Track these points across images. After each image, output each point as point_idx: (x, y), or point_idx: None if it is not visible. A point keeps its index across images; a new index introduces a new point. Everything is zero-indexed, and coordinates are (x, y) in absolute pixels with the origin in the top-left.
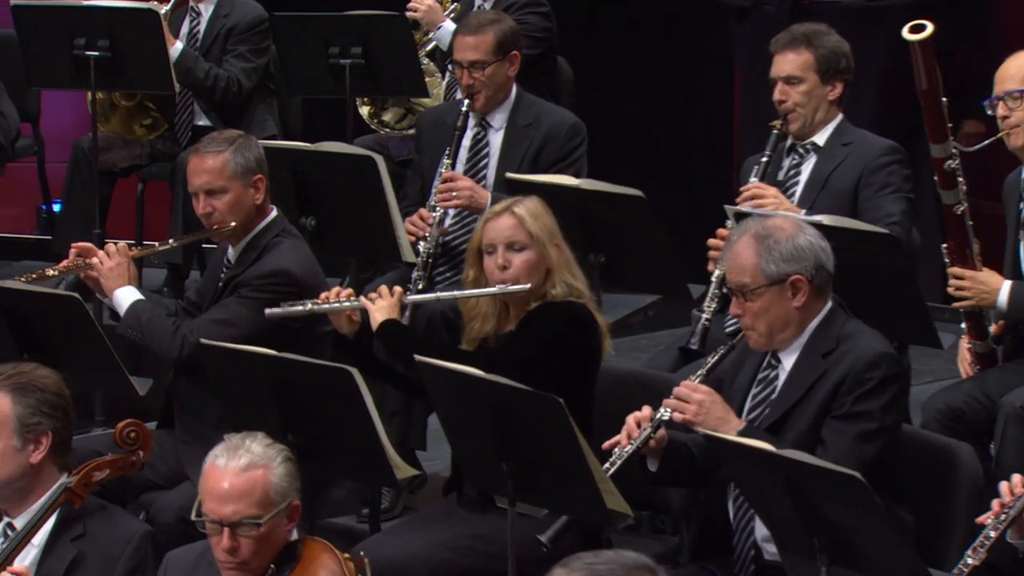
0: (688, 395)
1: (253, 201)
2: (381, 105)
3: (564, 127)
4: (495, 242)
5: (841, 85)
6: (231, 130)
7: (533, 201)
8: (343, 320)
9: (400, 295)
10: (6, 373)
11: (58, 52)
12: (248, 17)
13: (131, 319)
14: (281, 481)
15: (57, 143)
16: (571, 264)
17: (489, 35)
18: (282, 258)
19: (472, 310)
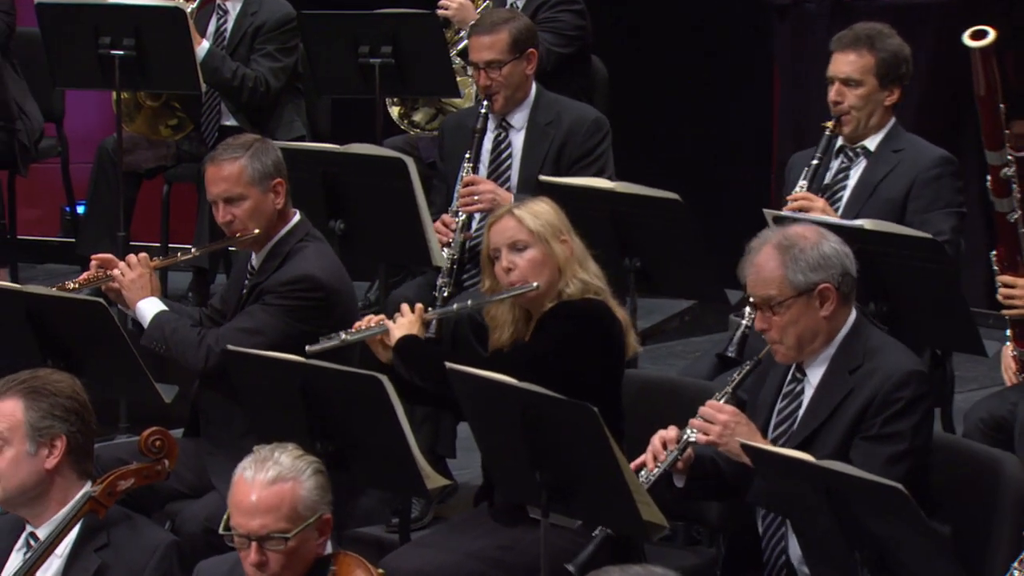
0: (713, 416)
1: (273, 206)
2: (411, 105)
3: (586, 122)
4: (499, 245)
5: (899, 91)
6: (247, 135)
7: (536, 201)
8: (379, 347)
9: (420, 312)
10: (20, 379)
11: (83, 51)
12: (276, 15)
13: (155, 331)
14: (311, 494)
15: (81, 144)
16: (583, 259)
17: (504, 33)
18: (306, 263)
19: (494, 320)
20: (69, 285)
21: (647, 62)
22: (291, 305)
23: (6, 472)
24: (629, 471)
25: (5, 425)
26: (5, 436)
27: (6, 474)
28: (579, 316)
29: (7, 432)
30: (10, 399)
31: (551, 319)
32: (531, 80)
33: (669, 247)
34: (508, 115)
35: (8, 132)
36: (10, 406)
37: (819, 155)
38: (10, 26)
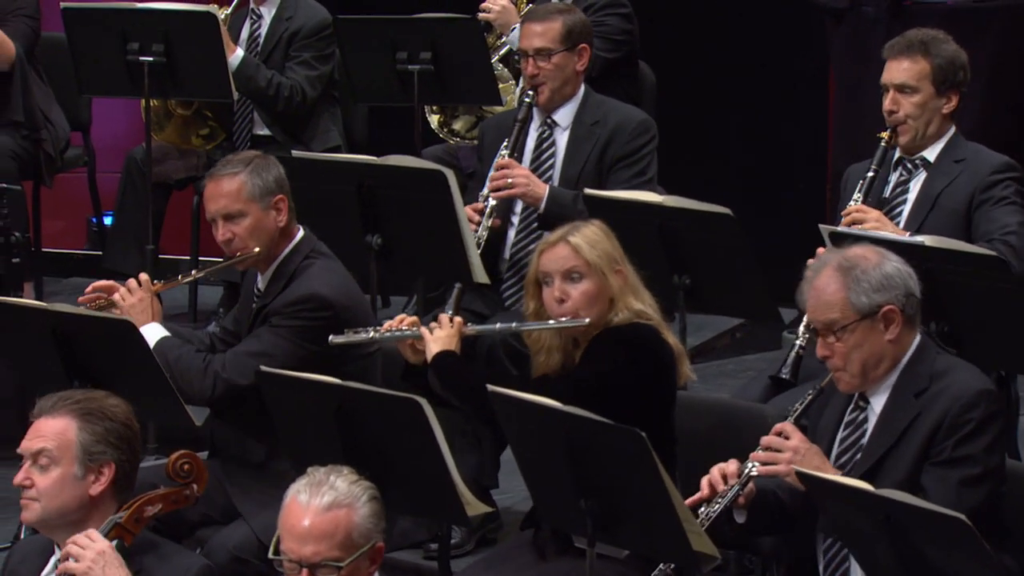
0: (780, 444)
1: (275, 224)
2: (451, 114)
3: (632, 123)
4: (551, 272)
5: (956, 98)
6: (248, 151)
7: (591, 227)
8: (407, 349)
9: (459, 326)
10: (75, 398)
11: (110, 57)
12: (312, 21)
13: (159, 358)
14: (365, 522)
15: (109, 153)
16: (636, 289)
17: (557, 23)
18: (312, 281)
19: (536, 343)
20: None
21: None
22: (299, 326)
23: (49, 491)
24: (679, 499)
25: (55, 444)
26: (54, 455)
27: (48, 493)
28: (629, 342)
29: (56, 451)
30: (63, 417)
31: (600, 346)
32: (580, 78)
33: (720, 264)
34: (553, 112)
35: (33, 141)
36: (62, 424)
37: (874, 167)
38: (35, 31)
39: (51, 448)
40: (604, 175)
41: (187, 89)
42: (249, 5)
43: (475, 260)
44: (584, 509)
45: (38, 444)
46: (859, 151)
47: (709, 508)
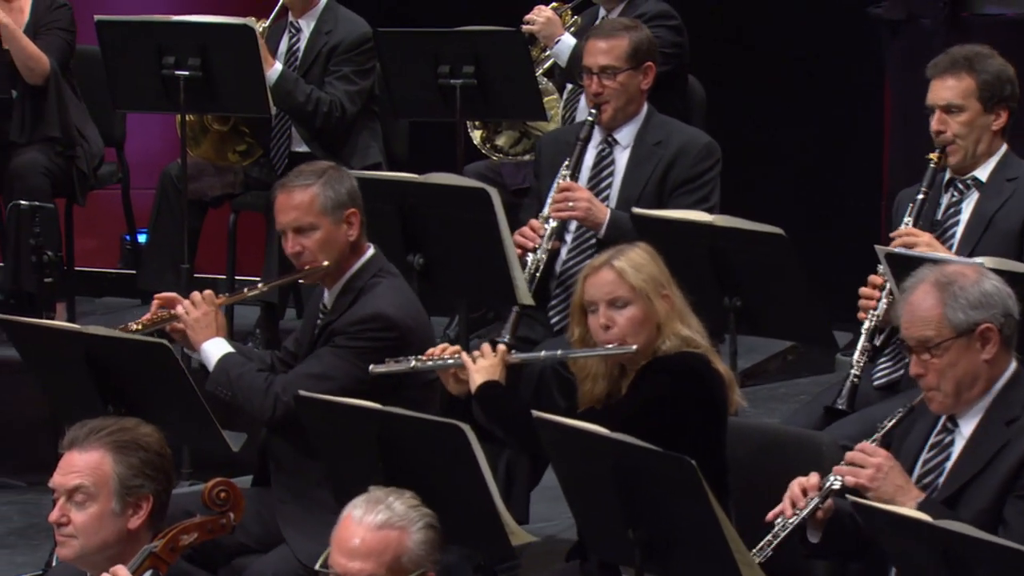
0: (864, 459)
1: (346, 238)
2: (494, 129)
3: (696, 146)
4: (596, 299)
5: (1006, 114)
6: (321, 162)
7: (636, 250)
8: (450, 379)
9: (503, 354)
10: (107, 428)
11: (145, 71)
12: (352, 35)
13: (220, 375)
14: (418, 548)
15: (143, 170)
16: (684, 314)
17: (624, 40)
18: (379, 301)
19: (582, 371)
20: (132, 327)
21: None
22: (362, 347)
23: (88, 529)
24: (730, 529)
25: (91, 479)
26: (91, 491)
27: (87, 531)
28: (677, 371)
29: (93, 487)
30: (96, 450)
31: (648, 375)
32: (644, 96)
33: (772, 285)
34: (615, 130)
35: (66, 158)
36: (96, 458)
37: (924, 189)
38: (70, 45)
39: (88, 484)
40: (664, 198)
41: (224, 104)
42: (288, 18)
43: (519, 281)
44: (633, 539)
45: (73, 480)
46: (917, 168)
47: (785, 520)
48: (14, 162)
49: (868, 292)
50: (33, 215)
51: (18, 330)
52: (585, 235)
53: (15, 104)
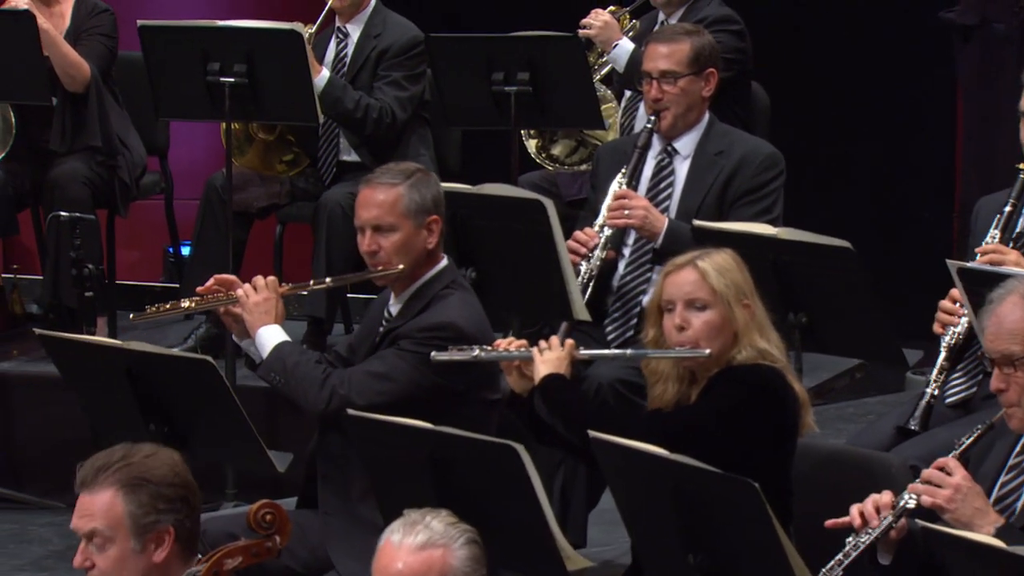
0: (942, 479)
1: (424, 245)
2: (550, 138)
3: (759, 156)
4: (674, 299)
5: None
6: (409, 163)
7: (722, 254)
8: (514, 374)
9: (571, 348)
10: (114, 465)
11: (190, 78)
12: (402, 39)
13: (275, 362)
14: (462, 565)
15: (187, 180)
16: (763, 327)
17: (685, 45)
18: (450, 311)
19: (653, 374)
20: (184, 303)
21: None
22: (428, 353)
23: (111, 571)
24: (795, 555)
25: (105, 523)
26: (106, 534)
27: (111, 572)
28: (750, 384)
29: (108, 530)
30: (105, 491)
31: (719, 384)
32: (706, 104)
33: (839, 301)
34: (675, 139)
35: (108, 168)
36: (107, 499)
37: (1012, 200)
38: (111, 51)
39: (102, 528)
40: (725, 209)
41: (270, 112)
42: (335, 23)
43: (576, 296)
44: (692, 564)
45: (88, 524)
46: (991, 180)
47: (857, 539)
48: (54, 172)
49: (948, 306)
50: (74, 227)
51: (57, 346)
52: (643, 247)
53: (55, 112)
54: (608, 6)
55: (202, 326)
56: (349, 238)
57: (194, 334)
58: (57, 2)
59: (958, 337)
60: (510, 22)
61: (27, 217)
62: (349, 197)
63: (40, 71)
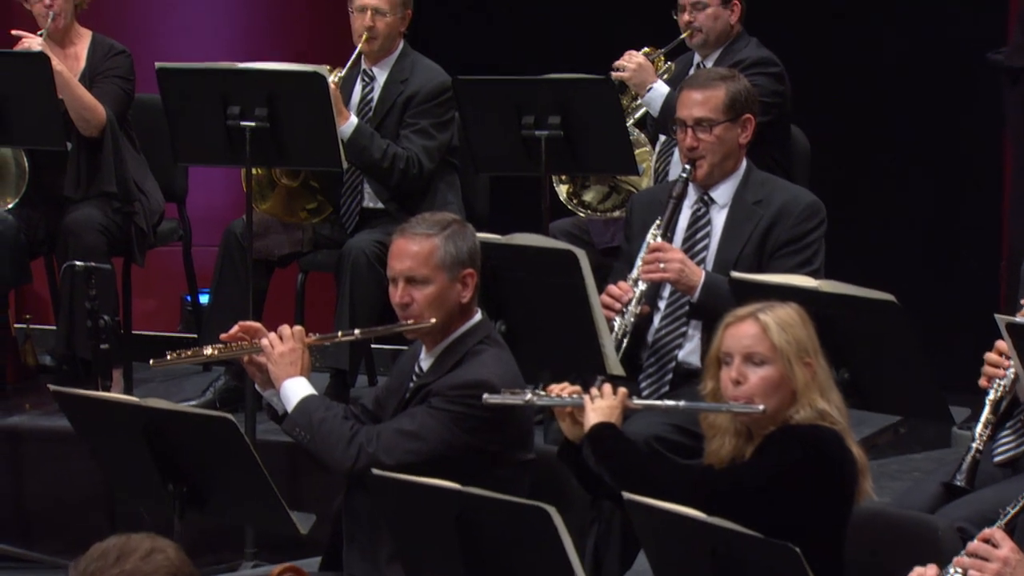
0: (988, 552)
1: (458, 298)
2: (581, 183)
3: (800, 205)
4: (732, 351)
5: None
6: (445, 213)
7: (787, 308)
8: (567, 420)
9: (624, 397)
10: (108, 569)
11: (209, 122)
12: (430, 84)
13: (301, 416)
14: None
15: (206, 226)
16: (825, 387)
17: (720, 91)
18: (484, 369)
19: (711, 427)
20: (206, 351)
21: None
22: (460, 412)
23: None
24: None
25: None
26: None
27: None
28: (806, 444)
29: None
30: None
31: (773, 443)
32: (743, 152)
33: (883, 356)
34: (712, 188)
35: (124, 215)
36: None
37: None
38: (128, 94)
39: None
40: (764, 261)
41: (292, 157)
42: (361, 65)
43: (609, 350)
44: None
45: None
46: None
47: None
48: (68, 219)
49: (994, 359)
50: (89, 277)
51: (72, 403)
52: (679, 301)
53: (69, 157)
54: (642, 47)
55: (221, 378)
56: (374, 287)
57: (212, 387)
58: (72, 43)
59: (1004, 391)
60: (540, 65)
61: (40, 265)
62: (374, 245)
63: (55, 115)
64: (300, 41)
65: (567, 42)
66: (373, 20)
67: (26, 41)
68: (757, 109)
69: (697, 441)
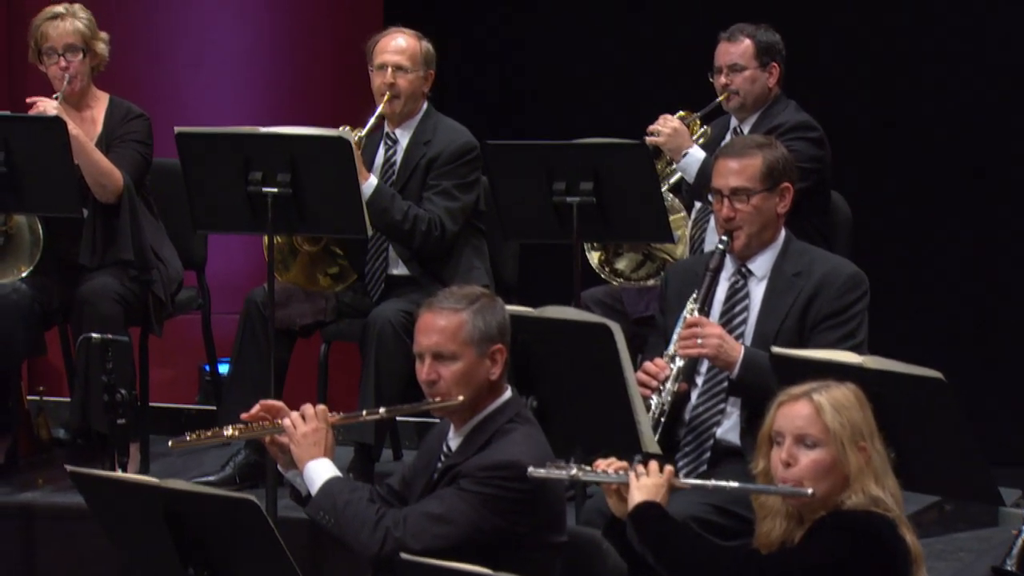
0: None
1: (487, 376)
2: (614, 251)
3: (841, 276)
4: (784, 431)
5: None
6: (474, 287)
7: (842, 389)
8: (614, 497)
9: (670, 475)
10: None
11: (230, 188)
12: (453, 145)
13: (325, 500)
14: None
15: (225, 294)
16: (880, 473)
17: (757, 159)
18: (514, 448)
19: (762, 508)
20: (226, 431)
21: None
22: (490, 494)
23: None
24: None
25: None
26: None
27: None
28: (857, 533)
29: None
30: None
31: (824, 530)
32: (781, 221)
33: (930, 435)
34: (749, 260)
35: (142, 284)
36: None
37: None
38: (146, 159)
39: None
40: (805, 335)
41: (316, 224)
42: (384, 128)
43: (645, 427)
44: None
45: None
46: None
47: None
48: (84, 288)
49: None
50: (105, 349)
51: (89, 483)
52: (717, 377)
53: (85, 224)
54: (677, 111)
55: (241, 452)
56: (400, 358)
57: (232, 461)
58: (88, 106)
59: None
60: (572, 129)
61: (54, 335)
62: (400, 314)
63: (70, 181)
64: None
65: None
66: (394, 77)
67: (41, 104)
68: (796, 177)
69: (736, 522)
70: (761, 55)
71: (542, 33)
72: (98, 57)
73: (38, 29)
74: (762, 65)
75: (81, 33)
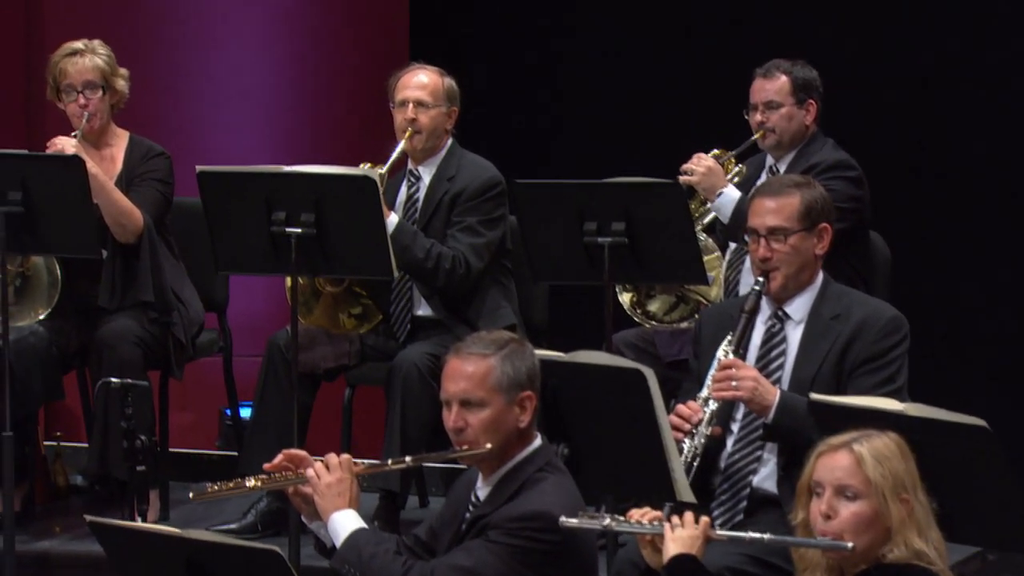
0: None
1: (516, 423)
2: (646, 293)
3: (880, 320)
4: (824, 482)
5: None
6: (503, 331)
7: (884, 439)
8: (649, 548)
9: (706, 527)
10: None
11: (252, 228)
12: (478, 180)
13: (350, 552)
14: None
15: (247, 336)
16: (923, 526)
17: (795, 199)
18: (544, 498)
19: (802, 559)
20: (248, 482)
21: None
22: (519, 546)
23: None
24: None
25: None
26: None
27: None
28: None
29: None
30: None
31: None
32: (819, 263)
33: (973, 486)
34: (786, 302)
35: (162, 326)
36: None
37: None
38: (167, 198)
39: None
40: (844, 380)
41: (341, 265)
42: (407, 165)
43: (679, 474)
44: None
45: None
46: None
47: None
48: (103, 330)
49: None
50: (125, 395)
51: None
52: (753, 423)
53: (104, 265)
54: (711, 149)
55: (263, 500)
56: (427, 403)
57: (254, 508)
58: (107, 145)
59: None
60: (603, 168)
61: (72, 379)
62: (426, 357)
63: (89, 221)
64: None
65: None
66: (415, 113)
67: (59, 143)
68: (834, 217)
69: (774, 574)
70: (798, 92)
71: (573, 69)
72: (118, 94)
73: (56, 66)
74: (799, 102)
75: (101, 70)
